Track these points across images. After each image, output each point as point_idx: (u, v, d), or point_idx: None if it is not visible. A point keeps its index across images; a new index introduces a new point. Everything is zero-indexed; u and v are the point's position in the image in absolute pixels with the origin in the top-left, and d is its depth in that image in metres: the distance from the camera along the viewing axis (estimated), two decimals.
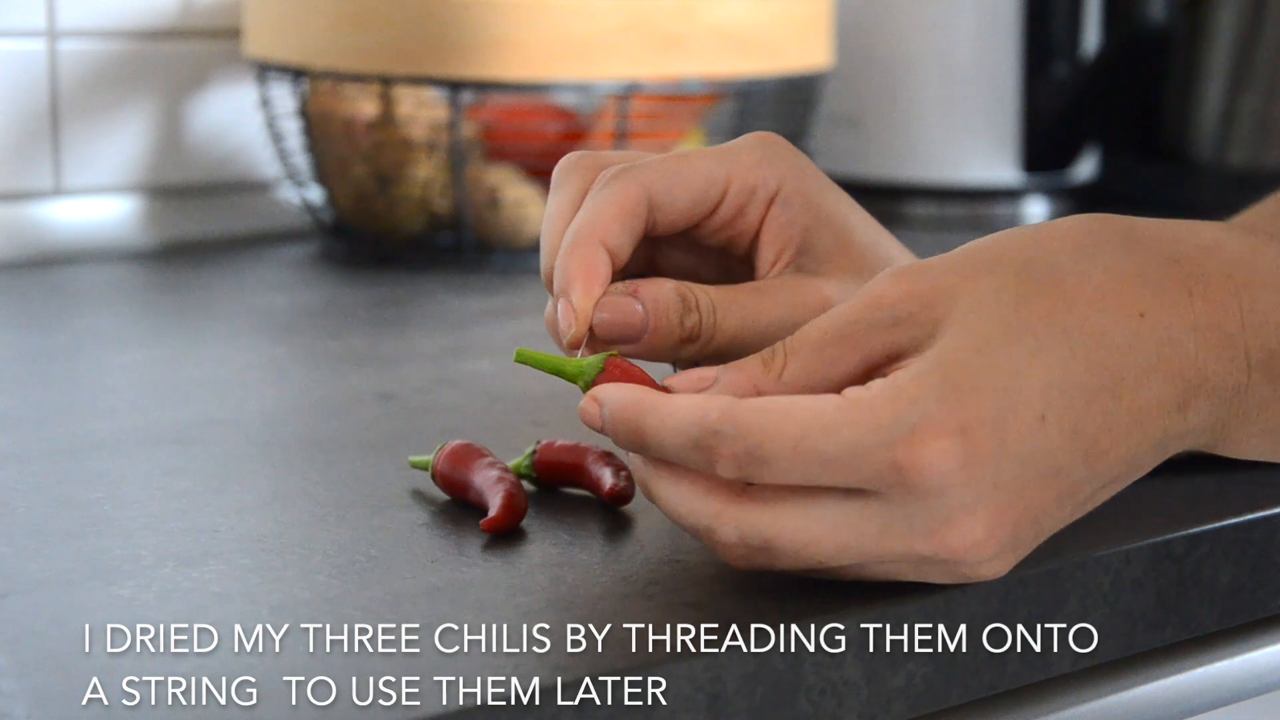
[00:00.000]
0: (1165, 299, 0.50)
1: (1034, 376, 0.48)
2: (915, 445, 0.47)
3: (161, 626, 0.48)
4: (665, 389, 0.52)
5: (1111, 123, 1.36)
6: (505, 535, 0.56)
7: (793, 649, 0.49)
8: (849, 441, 0.47)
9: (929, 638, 0.52)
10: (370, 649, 0.47)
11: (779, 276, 0.60)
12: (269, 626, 0.48)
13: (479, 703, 0.44)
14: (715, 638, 0.48)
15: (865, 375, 0.50)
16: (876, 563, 0.49)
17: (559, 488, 0.61)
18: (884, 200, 1.30)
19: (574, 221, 0.57)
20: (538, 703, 0.45)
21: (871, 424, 0.47)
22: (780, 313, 0.58)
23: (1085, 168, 1.34)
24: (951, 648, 0.53)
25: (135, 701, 0.44)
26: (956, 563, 0.49)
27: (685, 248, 0.62)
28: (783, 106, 1.12)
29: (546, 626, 0.49)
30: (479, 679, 0.45)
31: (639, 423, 0.50)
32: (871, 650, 0.51)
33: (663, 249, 0.62)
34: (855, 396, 0.48)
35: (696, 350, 0.57)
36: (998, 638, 0.54)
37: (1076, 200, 1.34)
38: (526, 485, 0.61)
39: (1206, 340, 0.50)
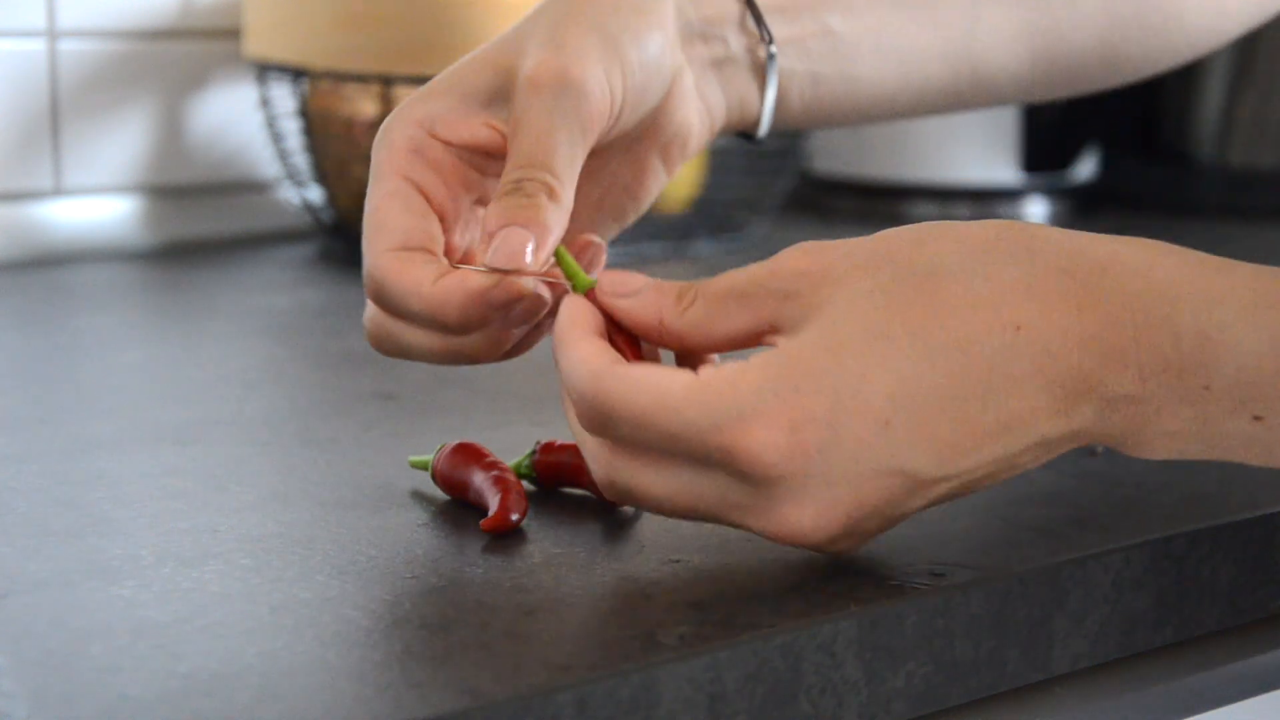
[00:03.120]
0: (1049, 312, 0.50)
1: (881, 383, 0.50)
2: (743, 433, 0.50)
3: (162, 626, 0.48)
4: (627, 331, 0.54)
5: (1111, 123, 1.36)
6: (505, 535, 0.56)
7: (793, 649, 0.49)
8: (686, 420, 0.50)
9: (929, 637, 0.52)
10: (370, 649, 0.47)
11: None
12: (269, 626, 0.49)
13: (479, 703, 0.44)
14: (715, 638, 0.48)
15: (753, 335, 0.53)
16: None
17: (559, 488, 0.61)
18: (884, 200, 1.30)
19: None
20: (538, 702, 0.45)
21: (709, 406, 0.50)
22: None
23: (1085, 168, 1.34)
24: (951, 647, 0.53)
25: (135, 702, 0.44)
26: (787, 543, 0.52)
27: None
28: None
29: (546, 626, 0.49)
30: (479, 679, 0.45)
31: (555, 352, 0.53)
32: (871, 650, 0.51)
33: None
34: (704, 377, 0.51)
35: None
36: (998, 637, 0.54)
37: (1076, 200, 1.34)
38: (526, 485, 0.61)
39: (1093, 353, 0.50)
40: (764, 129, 0.68)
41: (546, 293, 0.56)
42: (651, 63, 0.61)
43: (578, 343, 0.53)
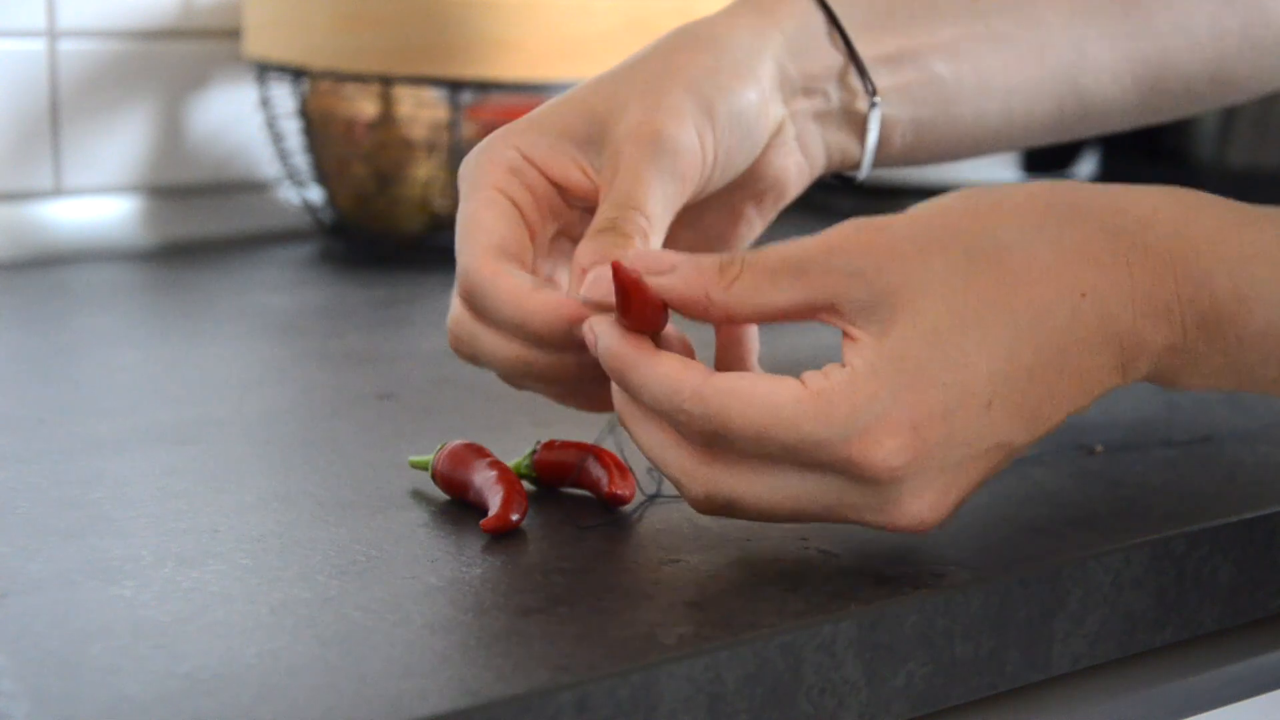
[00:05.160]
0: (1106, 275, 0.52)
1: (981, 366, 0.51)
2: (869, 443, 0.50)
3: (162, 626, 0.48)
4: (655, 301, 0.53)
5: None
6: (505, 535, 0.56)
7: (793, 649, 0.49)
8: (807, 435, 0.50)
9: (929, 637, 0.52)
10: (370, 649, 0.47)
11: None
12: (269, 626, 0.49)
13: (479, 702, 0.44)
14: (715, 638, 0.48)
15: (805, 309, 0.52)
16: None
17: (559, 488, 0.61)
18: (884, 200, 1.29)
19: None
20: (538, 702, 0.45)
21: (830, 419, 0.50)
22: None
23: (1085, 168, 1.34)
24: (951, 648, 0.53)
25: (135, 702, 0.44)
26: (902, 531, 0.53)
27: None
28: None
29: (546, 626, 0.49)
30: (479, 679, 0.45)
31: (623, 374, 0.53)
32: (871, 650, 0.51)
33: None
34: (816, 388, 0.51)
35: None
36: (998, 637, 0.54)
37: None
38: (526, 485, 0.61)
39: (1143, 311, 0.53)
40: (864, 173, 0.68)
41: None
42: (745, 123, 0.62)
43: (656, 359, 0.52)
